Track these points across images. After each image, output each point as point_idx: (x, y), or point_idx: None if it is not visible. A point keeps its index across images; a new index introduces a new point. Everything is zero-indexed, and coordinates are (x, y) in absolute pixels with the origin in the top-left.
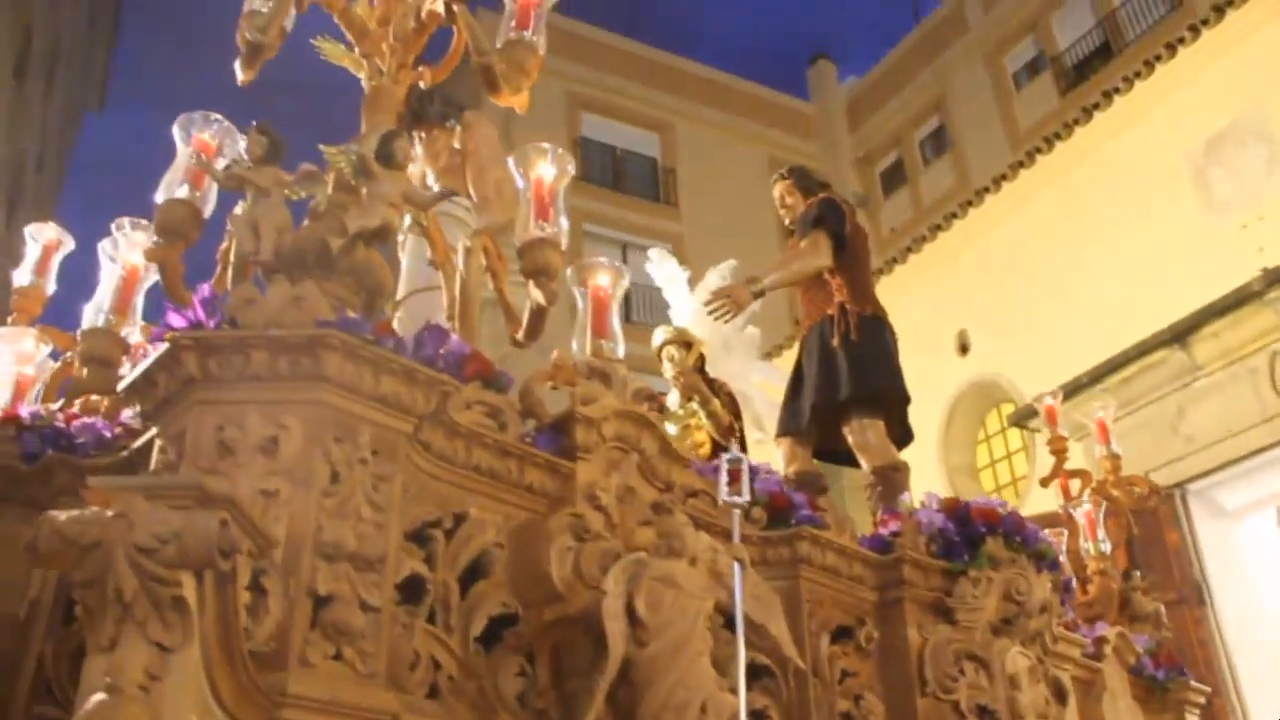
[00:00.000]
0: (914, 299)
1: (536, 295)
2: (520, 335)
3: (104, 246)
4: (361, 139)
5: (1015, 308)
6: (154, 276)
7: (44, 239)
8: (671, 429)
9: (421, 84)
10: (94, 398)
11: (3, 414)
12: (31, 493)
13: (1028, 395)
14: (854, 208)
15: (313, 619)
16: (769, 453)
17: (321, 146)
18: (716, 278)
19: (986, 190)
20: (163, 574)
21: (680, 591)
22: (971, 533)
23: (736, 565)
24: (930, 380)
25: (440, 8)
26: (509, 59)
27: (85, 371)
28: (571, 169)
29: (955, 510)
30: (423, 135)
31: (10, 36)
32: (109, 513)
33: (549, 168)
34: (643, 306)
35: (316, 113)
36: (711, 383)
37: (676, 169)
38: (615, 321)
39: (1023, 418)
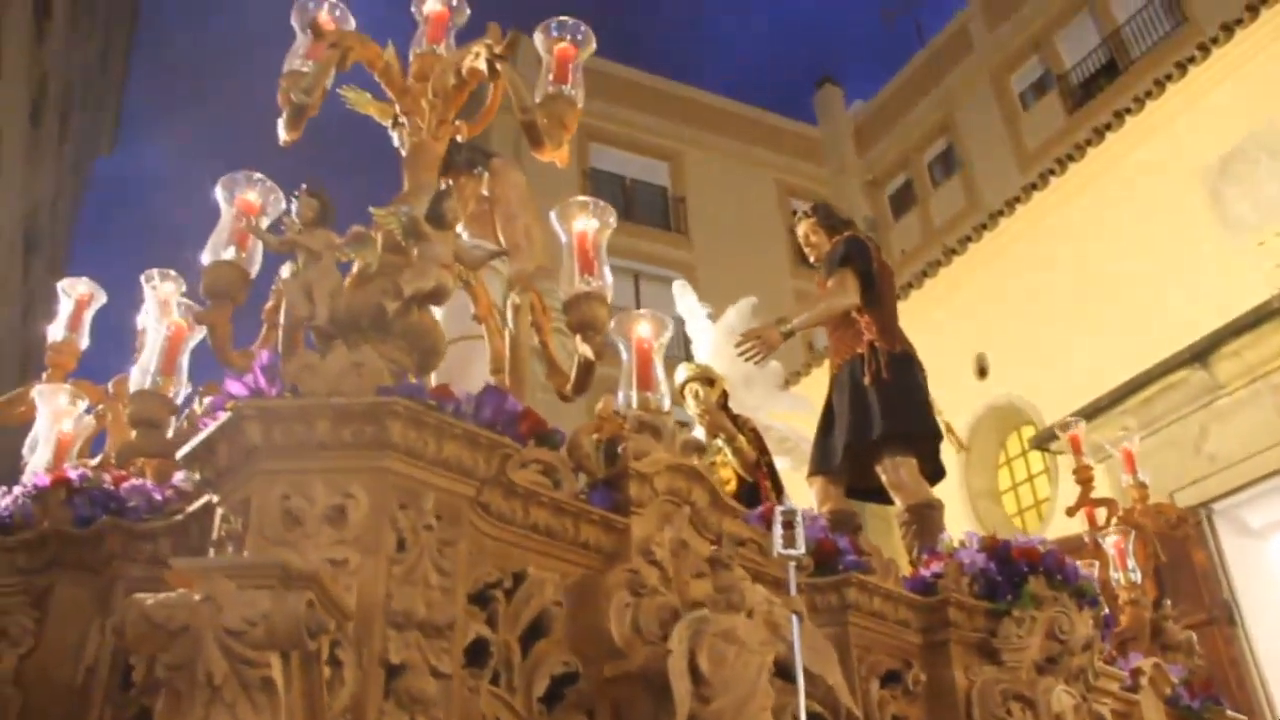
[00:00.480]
0: (931, 323)
1: (585, 350)
2: (568, 389)
3: (147, 307)
4: (405, 197)
5: (1033, 329)
6: (199, 335)
7: (76, 294)
8: None
9: (459, 138)
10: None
11: (52, 477)
12: (84, 556)
13: (1048, 417)
14: (878, 245)
15: (385, 689)
16: (798, 481)
17: (371, 209)
18: (735, 314)
19: (1000, 213)
20: (252, 656)
21: (742, 647)
22: (1013, 572)
23: (794, 618)
24: (950, 404)
25: (482, 65)
26: (549, 113)
27: (134, 434)
28: (613, 220)
29: (996, 549)
30: (450, 183)
31: (27, 85)
32: (196, 596)
33: (591, 221)
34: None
35: (326, 152)
36: (735, 418)
37: (686, 197)
38: (659, 371)
39: (1044, 440)
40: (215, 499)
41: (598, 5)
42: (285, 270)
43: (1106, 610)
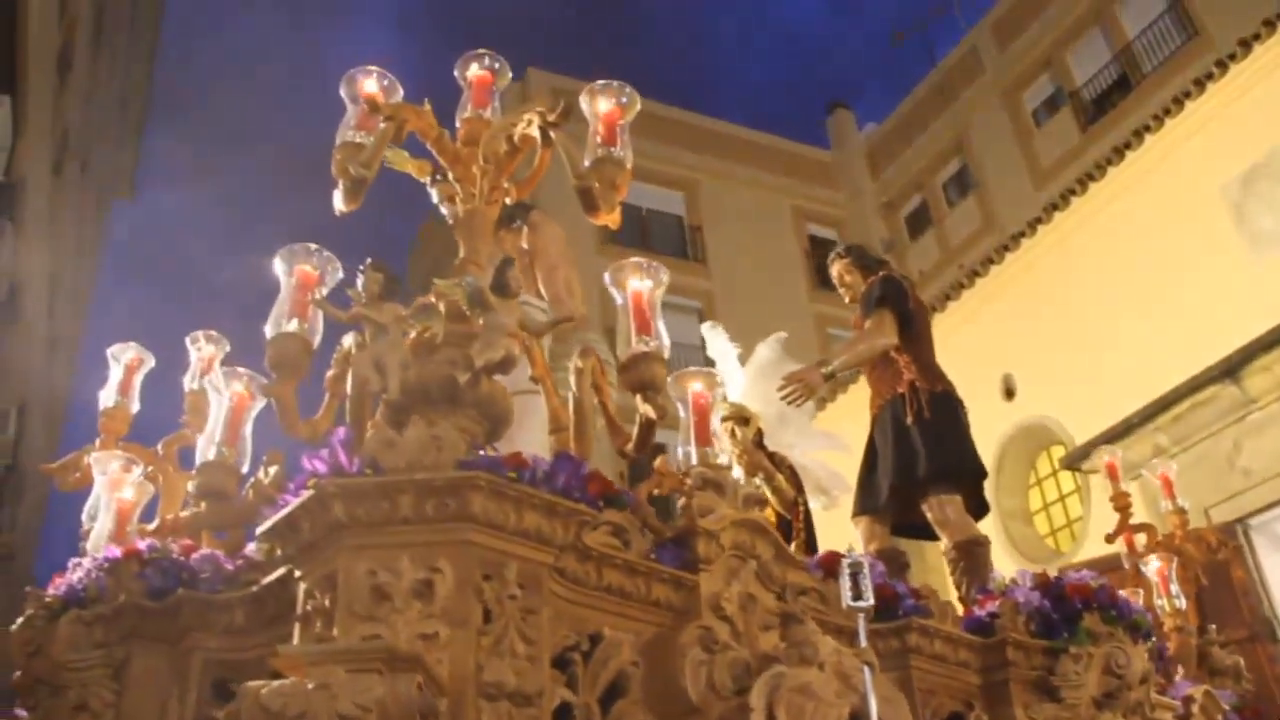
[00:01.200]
0: (956, 346)
1: (646, 409)
2: (629, 448)
3: (211, 379)
4: (462, 264)
5: (1059, 349)
6: (260, 404)
7: (125, 359)
8: None
9: (508, 200)
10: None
11: (123, 549)
12: (160, 628)
13: (1078, 436)
14: (913, 283)
15: None
16: (833, 520)
17: (435, 280)
18: (767, 350)
19: (1022, 234)
20: None
21: (819, 701)
22: (1068, 609)
23: (866, 669)
24: (978, 426)
25: (535, 132)
26: (600, 176)
27: (203, 505)
28: (665, 278)
29: (1049, 587)
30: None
31: (50, 139)
32: (309, 684)
33: (645, 281)
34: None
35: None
36: (772, 456)
37: (702, 226)
38: (717, 426)
39: (1075, 460)
40: (297, 573)
41: (606, 37)
42: (346, 340)
43: (1165, 643)
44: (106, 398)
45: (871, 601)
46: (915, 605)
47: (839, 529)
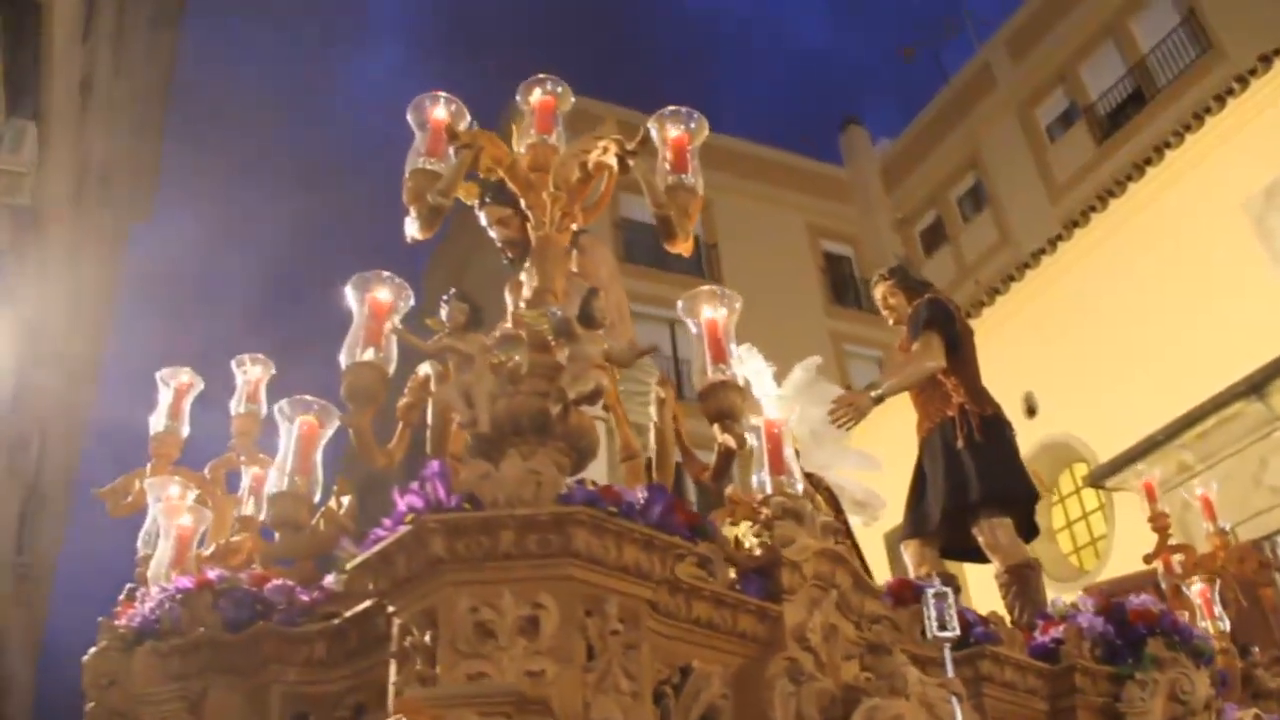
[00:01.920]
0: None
1: (725, 439)
2: (706, 476)
3: (280, 408)
4: (538, 293)
5: (1081, 366)
6: (329, 432)
7: (176, 383)
8: None
9: (575, 226)
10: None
11: (196, 580)
12: (238, 661)
13: (1100, 453)
14: (958, 305)
15: None
16: (870, 537)
17: (522, 311)
18: (802, 372)
19: (1042, 251)
20: None
21: None
22: (1132, 635)
23: (954, 700)
24: None
25: (612, 160)
26: (674, 204)
27: (276, 536)
28: (739, 305)
29: (1112, 611)
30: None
31: (72, 164)
32: None
33: (720, 309)
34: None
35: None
36: (809, 477)
37: (718, 243)
38: (790, 454)
39: (1098, 478)
40: (390, 608)
41: (617, 55)
42: (423, 369)
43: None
44: (156, 422)
45: (957, 630)
46: (985, 632)
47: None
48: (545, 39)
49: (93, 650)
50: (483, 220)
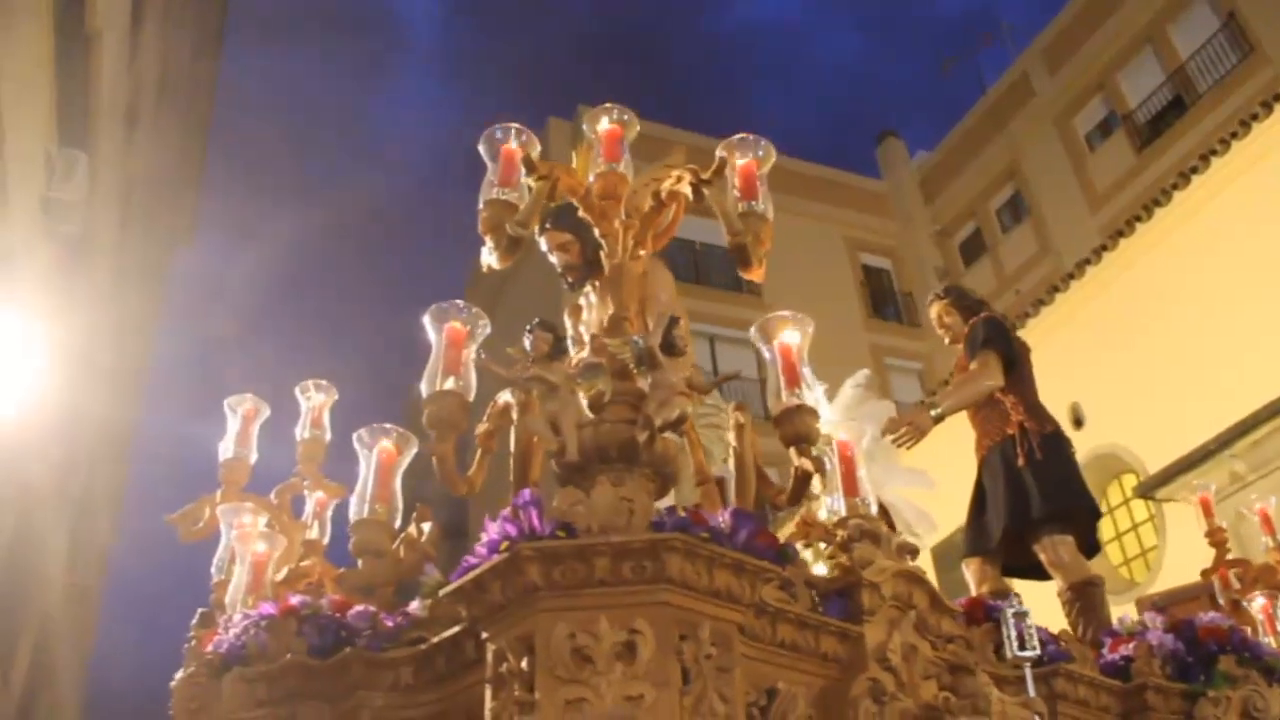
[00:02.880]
0: None
1: (802, 462)
2: (782, 499)
3: (359, 435)
4: (615, 321)
5: (1127, 376)
6: (408, 459)
7: (243, 409)
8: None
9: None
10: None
11: (280, 607)
12: (325, 687)
13: (1149, 464)
14: (1013, 324)
15: None
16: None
17: (606, 340)
18: (851, 387)
19: (1087, 261)
20: None
21: None
22: (1203, 652)
23: (1036, 719)
24: None
25: (685, 188)
26: (748, 231)
27: (360, 563)
28: (810, 329)
29: (1181, 629)
30: (597, 284)
31: (119, 193)
32: None
33: (794, 333)
34: (744, 398)
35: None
36: None
37: None
38: (863, 475)
39: (1148, 489)
40: (484, 634)
41: (654, 74)
42: (503, 396)
43: None
44: (225, 449)
45: (1038, 650)
46: (1059, 650)
47: None
48: (581, 62)
49: (180, 675)
50: (543, 246)
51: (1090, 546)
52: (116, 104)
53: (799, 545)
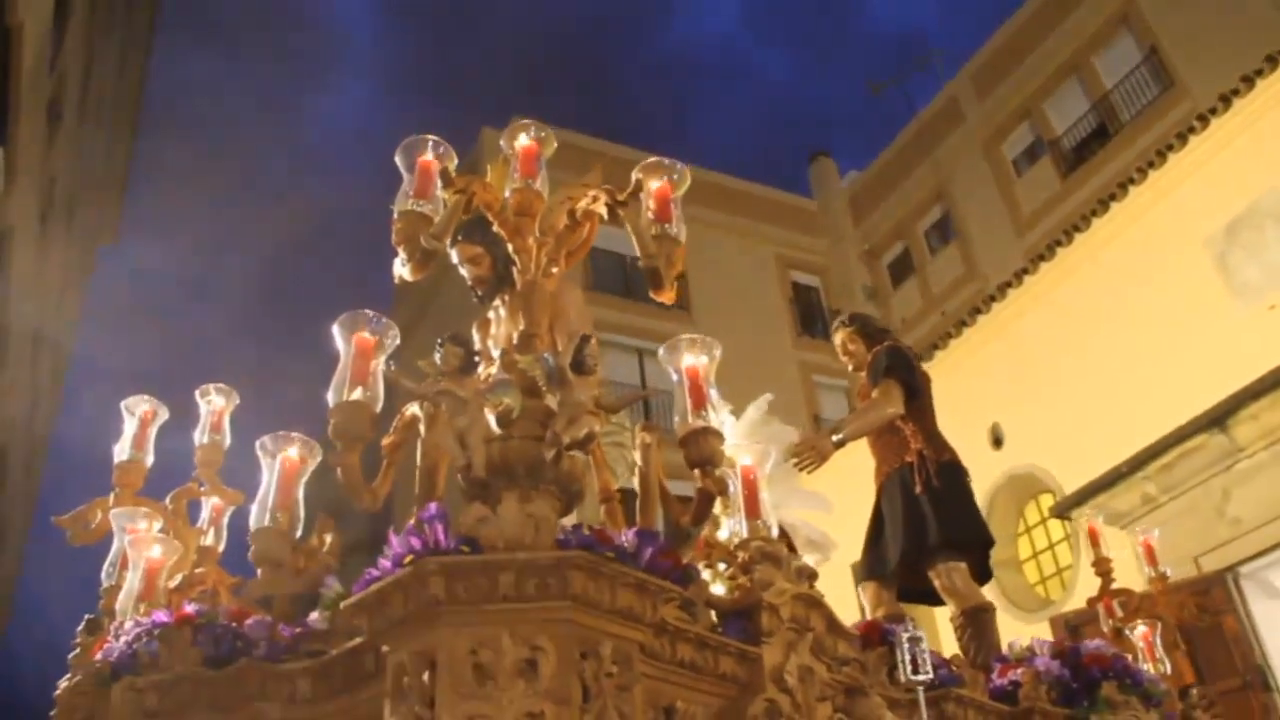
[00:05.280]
0: (943, 395)
1: (706, 484)
2: (686, 520)
3: (263, 443)
4: (525, 338)
5: (1047, 398)
6: (310, 467)
7: (140, 411)
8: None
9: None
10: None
11: (175, 615)
12: (219, 697)
13: (1066, 485)
14: (917, 354)
15: None
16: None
17: (516, 357)
18: (755, 411)
19: (1008, 284)
20: None
21: None
22: (1087, 678)
23: None
24: None
25: (601, 209)
26: (661, 253)
27: (259, 573)
28: (718, 352)
29: (1066, 655)
30: (507, 298)
31: (38, 188)
32: None
33: (700, 356)
34: (662, 412)
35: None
36: None
37: (687, 273)
38: (765, 498)
39: (1064, 509)
40: (384, 648)
41: (590, 88)
42: (410, 408)
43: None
44: (121, 451)
45: (930, 674)
46: (950, 674)
47: None
48: (518, 73)
49: (65, 684)
50: (454, 257)
51: (984, 573)
52: (37, 99)
53: (700, 565)
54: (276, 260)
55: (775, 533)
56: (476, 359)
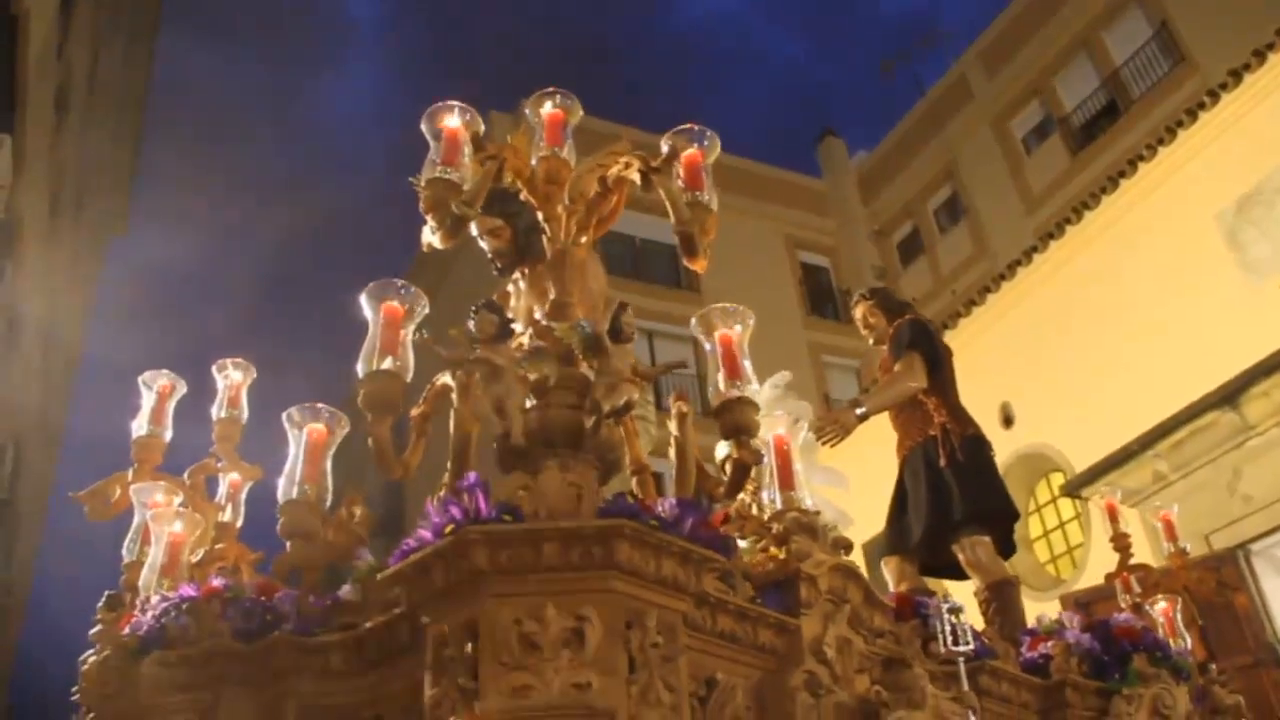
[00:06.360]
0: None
1: (743, 455)
2: (720, 491)
3: (290, 414)
4: (558, 305)
5: (1057, 377)
6: (339, 438)
7: (157, 386)
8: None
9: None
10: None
11: (204, 589)
12: (250, 671)
13: (1076, 463)
14: (938, 327)
15: None
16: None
17: (552, 324)
18: (770, 389)
19: (1018, 263)
20: None
21: None
22: (1118, 651)
23: (971, 715)
24: None
25: (634, 175)
26: (695, 221)
27: (288, 546)
28: (751, 322)
29: (1097, 629)
30: (526, 271)
31: (47, 178)
32: None
33: (735, 326)
34: (670, 390)
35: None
36: None
37: None
38: (799, 469)
39: (1074, 487)
40: (425, 619)
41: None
42: (441, 378)
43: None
44: (139, 426)
45: (971, 645)
46: (984, 647)
47: None
48: (526, 57)
49: (91, 658)
50: (473, 229)
51: (1008, 547)
52: (45, 88)
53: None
54: (290, 240)
55: (809, 503)
56: (510, 327)
